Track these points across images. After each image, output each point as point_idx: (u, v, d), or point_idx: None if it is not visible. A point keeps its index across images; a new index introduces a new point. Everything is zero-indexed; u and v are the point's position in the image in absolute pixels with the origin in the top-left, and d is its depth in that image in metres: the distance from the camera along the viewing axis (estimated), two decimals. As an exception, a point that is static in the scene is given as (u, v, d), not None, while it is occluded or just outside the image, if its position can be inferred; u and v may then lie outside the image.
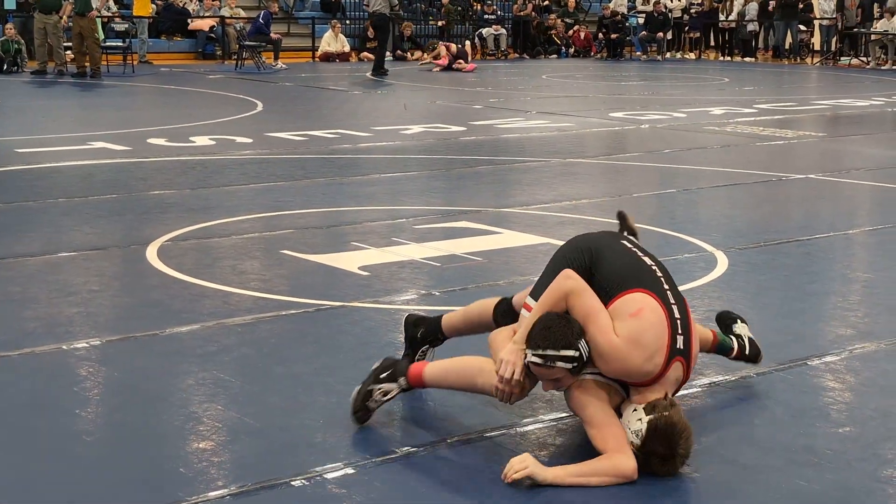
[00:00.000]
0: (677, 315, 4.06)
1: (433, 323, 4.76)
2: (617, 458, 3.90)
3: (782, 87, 22.50)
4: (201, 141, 12.46)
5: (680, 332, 4.05)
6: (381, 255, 7.18)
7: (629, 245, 4.32)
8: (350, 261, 6.99)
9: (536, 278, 4.29)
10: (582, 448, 4.07)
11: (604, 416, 4.01)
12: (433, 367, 4.31)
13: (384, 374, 4.28)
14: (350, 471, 3.94)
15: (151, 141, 12.37)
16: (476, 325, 4.67)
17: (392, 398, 4.29)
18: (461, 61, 25.23)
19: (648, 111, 16.58)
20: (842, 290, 6.67)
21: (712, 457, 4.14)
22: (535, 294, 4.21)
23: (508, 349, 4.08)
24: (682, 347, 4.04)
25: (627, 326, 4.00)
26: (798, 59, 30.24)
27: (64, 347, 5.24)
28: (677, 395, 4.25)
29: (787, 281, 6.76)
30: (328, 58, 26.21)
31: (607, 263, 4.18)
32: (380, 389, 4.26)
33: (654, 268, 4.20)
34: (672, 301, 4.10)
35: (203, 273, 6.64)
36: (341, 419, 4.36)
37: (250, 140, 12.60)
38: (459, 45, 26.68)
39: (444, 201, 9.20)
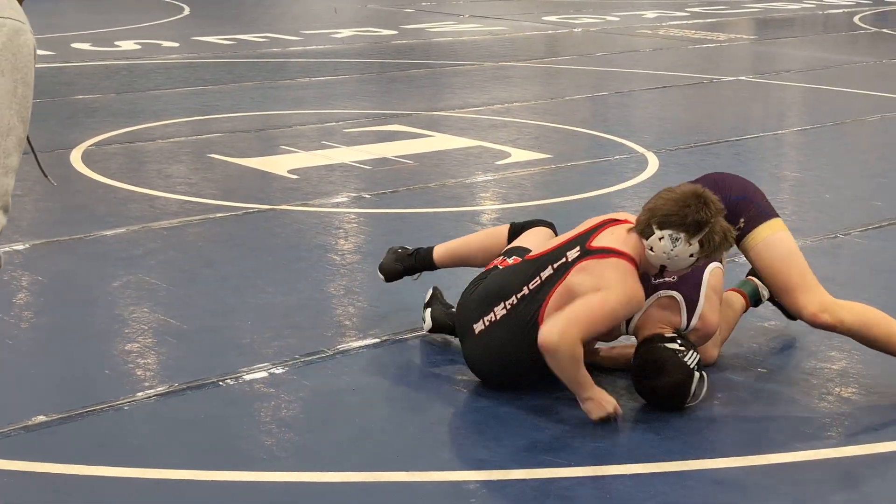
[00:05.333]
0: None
1: (424, 255, 4.41)
2: None
3: (715, -9, 22.43)
4: (126, 45, 12.19)
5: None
6: (310, 158, 7.10)
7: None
8: (279, 164, 6.90)
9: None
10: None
11: None
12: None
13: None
14: (278, 371, 3.91)
15: (75, 45, 12.08)
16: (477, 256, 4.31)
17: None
18: None
19: (581, 15, 16.47)
20: (770, 189, 6.65)
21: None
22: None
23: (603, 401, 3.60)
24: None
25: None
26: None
27: (-15, 252, 5.14)
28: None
29: (716, 181, 6.78)
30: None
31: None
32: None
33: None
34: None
35: (129, 177, 6.52)
36: (269, 320, 4.33)
37: (177, 44, 12.35)
38: None
39: (376, 105, 9.10)
